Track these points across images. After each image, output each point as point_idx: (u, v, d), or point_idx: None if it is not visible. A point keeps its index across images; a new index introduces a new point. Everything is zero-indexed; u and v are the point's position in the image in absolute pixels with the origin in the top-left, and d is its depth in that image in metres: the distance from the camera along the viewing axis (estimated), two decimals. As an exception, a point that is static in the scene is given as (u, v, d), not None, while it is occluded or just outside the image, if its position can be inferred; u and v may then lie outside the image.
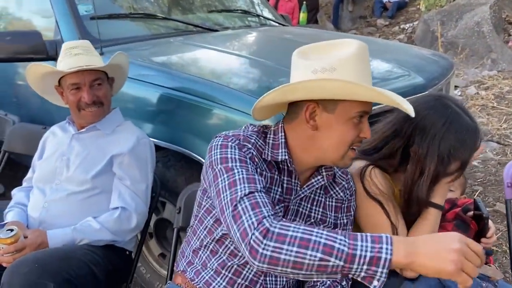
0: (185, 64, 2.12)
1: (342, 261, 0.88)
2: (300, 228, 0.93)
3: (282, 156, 1.14)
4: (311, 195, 1.24)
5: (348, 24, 8.90)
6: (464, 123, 1.26)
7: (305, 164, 1.18)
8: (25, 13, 2.73)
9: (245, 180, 1.04)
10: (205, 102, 1.77)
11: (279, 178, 1.17)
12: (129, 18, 2.47)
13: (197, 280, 1.22)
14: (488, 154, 3.65)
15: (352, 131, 1.10)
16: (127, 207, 1.59)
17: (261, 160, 1.15)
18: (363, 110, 1.09)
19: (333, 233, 0.91)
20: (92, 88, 1.63)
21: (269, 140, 1.16)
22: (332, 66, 1.04)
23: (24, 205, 1.69)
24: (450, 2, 7.05)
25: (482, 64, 5.88)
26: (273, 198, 1.16)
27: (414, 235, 1.26)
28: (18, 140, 2.24)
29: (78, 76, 1.61)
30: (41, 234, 1.49)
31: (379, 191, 1.29)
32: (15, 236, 1.40)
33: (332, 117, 1.09)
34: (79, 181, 1.62)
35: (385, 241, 0.88)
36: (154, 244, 2.16)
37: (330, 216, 1.26)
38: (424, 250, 0.86)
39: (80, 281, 1.37)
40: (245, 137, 1.14)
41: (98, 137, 1.69)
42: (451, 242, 0.85)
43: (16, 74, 2.64)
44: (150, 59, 2.10)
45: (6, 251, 1.41)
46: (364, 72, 1.07)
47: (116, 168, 1.64)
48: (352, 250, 0.88)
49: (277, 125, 1.19)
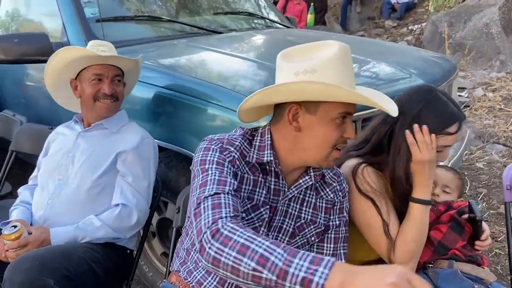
0: (188, 66, 2.15)
1: (275, 276, 0.85)
2: (246, 234, 0.92)
3: (268, 157, 1.16)
4: (300, 196, 1.25)
5: (356, 25, 8.88)
6: (442, 106, 1.29)
7: (290, 165, 1.20)
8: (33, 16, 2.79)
9: (215, 182, 1.07)
10: (206, 103, 1.80)
11: (264, 180, 1.19)
12: (134, 21, 2.51)
13: (189, 279, 1.24)
14: (493, 156, 3.63)
15: (334, 132, 1.12)
16: (128, 203, 1.62)
17: (243, 163, 1.17)
18: (345, 111, 1.11)
19: (276, 245, 0.89)
20: (113, 83, 1.71)
21: (256, 142, 1.19)
22: (313, 68, 1.07)
23: (29, 204, 1.74)
24: (459, 3, 7.00)
25: (491, 65, 5.83)
26: (257, 201, 1.18)
27: (401, 232, 1.29)
28: (25, 140, 2.29)
29: (103, 68, 1.69)
30: (44, 231, 1.53)
31: (371, 188, 1.31)
32: (18, 232, 1.44)
33: (314, 118, 1.11)
34: (84, 178, 1.65)
35: (324, 264, 0.84)
36: (156, 243, 2.20)
37: (320, 217, 1.27)
38: (360, 282, 0.81)
39: (80, 278, 1.40)
40: (229, 141, 1.17)
41: (104, 136, 1.73)
42: (387, 276, 0.80)
43: (24, 75, 2.70)
44: (153, 61, 2.13)
45: (10, 247, 1.45)
46: (345, 73, 1.08)
47: (119, 165, 1.68)
48: (287, 266, 0.85)
49: (264, 127, 1.22)
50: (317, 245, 1.30)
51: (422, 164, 1.26)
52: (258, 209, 1.19)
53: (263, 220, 1.20)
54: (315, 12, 7.14)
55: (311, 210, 1.26)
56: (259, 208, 1.19)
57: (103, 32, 2.23)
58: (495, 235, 2.65)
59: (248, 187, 1.18)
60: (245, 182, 1.17)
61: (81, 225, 1.58)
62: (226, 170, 1.11)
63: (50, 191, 1.67)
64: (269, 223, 1.22)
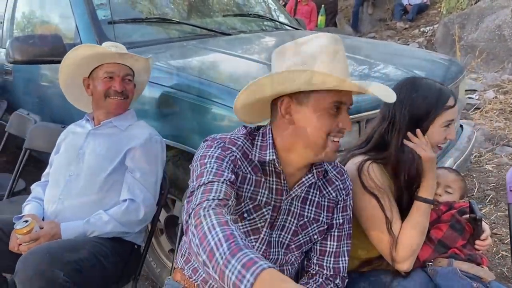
0: (197, 67, 2.19)
1: (217, 275, 0.83)
2: (213, 221, 0.90)
3: (270, 156, 1.17)
4: (303, 194, 1.26)
5: (368, 27, 8.85)
6: (432, 86, 1.37)
7: (292, 164, 1.20)
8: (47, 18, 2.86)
9: (211, 173, 1.08)
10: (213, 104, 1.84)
11: (265, 180, 1.20)
12: (145, 23, 2.56)
13: (194, 278, 1.27)
14: (503, 159, 3.60)
15: (327, 121, 1.11)
16: (135, 199, 1.67)
17: (245, 163, 1.18)
18: (338, 100, 1.11)
19: (226, 238, 0.85)
20: (123, 81, 1.79)
21: (257, 142, 1.21)
22: (302, 61, 1.09)
23: (41, 199, 1.80)
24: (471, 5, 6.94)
25: (503, 68, 5.77)
26: (259, 201, 1.19)
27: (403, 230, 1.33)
28: (39, 138, 2.36)
29: (115, 67, 1.79)
30: (55, 226, 1.58)
31: (376, 185, 1.34)
32: (29, 226, 1.50)
33: (306, 109, 1.12)
34: (94, 175, 1.71)
35: (252, 271, 0.79)
36: (164, 240, 2.25)
37: (323, 215, 1.28)
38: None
39: (89, 271, 1.45)
40: (231, 140, 1.19)
41: (113, 133, 1.79)
42: None
43: (38, 75, 2.78)
44: (163, 62, 2.18)
45: (22, 241, 1.51)
46: (334, 63, 1.09)
47: (128, 161, 1.73)
48: (224, 267, 0.82)
49: (265, 127, 1.23)
50: (320, 243, 1.31)
51: (431, 161, 1.32)
52: (260, 209, 1.20)
53: (266, 221, 1.21)
54: (326, 14, 7.14)
55: (314, 208, 1.27)
56: (261, 208, 1.20)
57: (114, 34, 2.29)
58: (502, 237, 2.64)
59: (250, 187, 1.18)
60: (247, 182, 1.18)
61: (91, 220, 1.63)
62: (225, 165, 1.12)
63: (61, 187, 1.73)
64: (272, 223, 1.23)
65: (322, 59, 1.09)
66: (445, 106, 1.35)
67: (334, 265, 1.30)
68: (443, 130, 1.37)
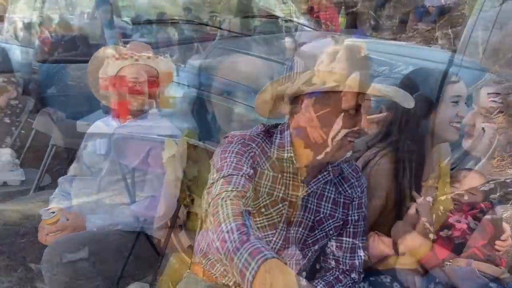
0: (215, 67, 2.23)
1: (227, 262, 0.86)
2: (229, 211, 0.94)
3: (288, 153, 1.22)
4: (319, 191, 1.29)
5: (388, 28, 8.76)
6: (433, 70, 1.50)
7: (307, 160, 1.23)
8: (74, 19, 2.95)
9: (231, 167, 1.12)
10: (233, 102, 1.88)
11: (282, 176, 1.23)
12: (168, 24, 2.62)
13: (213, 272, 1.30)
14: (526, 163, 3.53)
15: (346, 123, 1.15)
16: (156, 195, 1.72)
17: (263, 159, 1.22)
18: (355, 102, 1.14)
19: (237, 229, 0.89)
20: (147, 81, 1.84)
21: (276, 139, 1.24)
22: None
23: (67, 193, 1.86)
24: (495, 7, 6.82)
25: (527, 71, 5.65)
26: (276, 197, 1.23)
27: None
28: (65, 135, 2.43)
29: (138, 66, 1.82)
30: (80, 218, 1.65)
31: (381, 182, 1.39)
32: (55, 217, 1.57)
33: (326, 110, 1.15)
34: (118, 172, 1.77)
35: (257, 259, 0.82)
36: (183, 235, 2.28)
37: (339, 211, 1.31)
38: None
39: (110, 263, 1.51)
40: (250, 137, 1.23)
41: (137, 132, 1.84)
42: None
43: (64, 74, 2.86)
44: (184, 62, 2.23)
45: (49, 231, 1.58)
46: (355, 68, 1.12)
47: (150, 159, 1.78)
48: (234, 254, 0.86)
49: (283, 125, 1.27)
50: (336, 239, 1.33)
51: None
52: (277, 204, 1.23)
53: (282, 216, 1.24)
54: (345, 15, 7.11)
55: (330, 205, 1.30)
56: (278, 204, 1.23)
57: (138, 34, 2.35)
58: (524, 241, 2.59)
59: (267, 183, 1.22)
60: (264, 178, 1.22)
61: (114, 214, 1.68)
62: (244, 160, 1.16)
63: (87, 182, 1.79)
64: (289, 219, 1.26)
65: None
66: (448, 81, 1.40)
67: (350, 260, 1.32)
68: (452, 106, 1.42)
